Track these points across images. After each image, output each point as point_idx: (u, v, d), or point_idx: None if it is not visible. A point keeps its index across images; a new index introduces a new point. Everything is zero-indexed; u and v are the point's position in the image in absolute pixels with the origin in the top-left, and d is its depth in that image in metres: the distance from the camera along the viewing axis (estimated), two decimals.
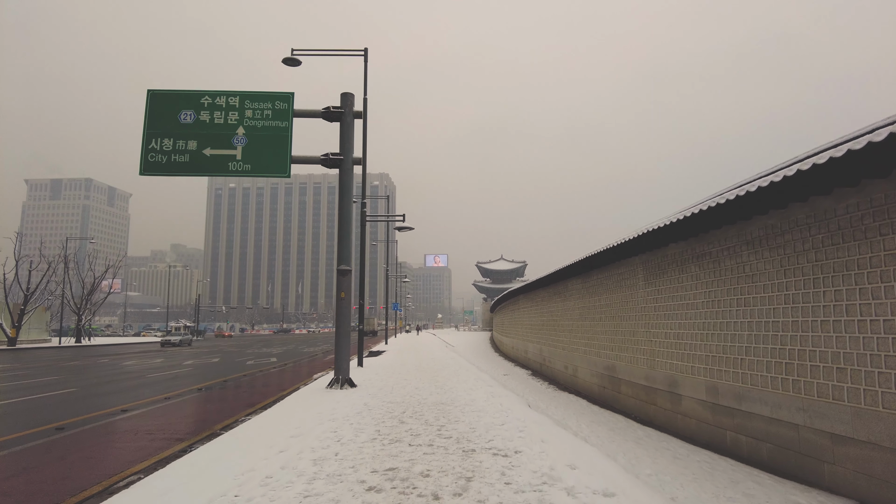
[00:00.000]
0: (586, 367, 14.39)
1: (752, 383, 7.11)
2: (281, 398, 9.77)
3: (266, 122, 10.70)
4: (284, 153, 10.60)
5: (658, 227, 9.12)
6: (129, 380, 15.08)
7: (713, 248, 8.35)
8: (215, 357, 25.91)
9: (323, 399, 8.66)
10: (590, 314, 14.33)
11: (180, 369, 18.58)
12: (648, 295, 10.71)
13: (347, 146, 10.74)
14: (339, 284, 10.35)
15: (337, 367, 10.30)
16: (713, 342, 8.13)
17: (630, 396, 11.38)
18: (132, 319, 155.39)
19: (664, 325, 9.87)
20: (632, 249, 11.09)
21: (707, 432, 8.20)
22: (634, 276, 11.47)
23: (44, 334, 53.32)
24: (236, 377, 15.58)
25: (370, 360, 18.57)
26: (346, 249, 10.61)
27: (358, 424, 6.48)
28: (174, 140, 10.52)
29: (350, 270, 10.41)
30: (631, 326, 11.45)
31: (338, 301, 10.30)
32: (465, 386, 10.19)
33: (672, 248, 9.79)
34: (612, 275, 12.81)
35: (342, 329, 10.44)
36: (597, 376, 13.48)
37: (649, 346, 10.47)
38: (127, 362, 22.49)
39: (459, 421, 6.57)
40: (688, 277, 9.12)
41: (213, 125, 10.64)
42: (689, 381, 8.83)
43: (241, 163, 10.55)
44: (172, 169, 10.45)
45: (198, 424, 7.77)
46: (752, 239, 7.37)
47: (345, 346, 10.31)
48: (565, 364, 16.53)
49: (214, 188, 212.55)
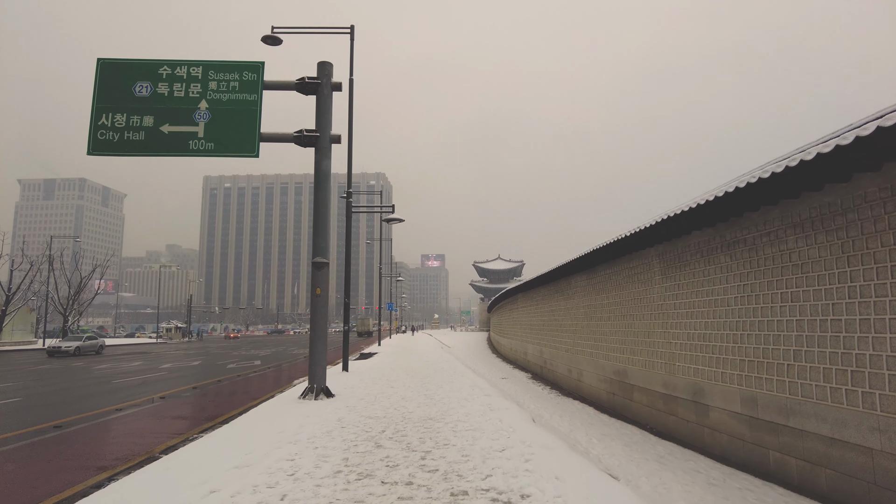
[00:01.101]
0: (592, 371, 13.15)
1: (805, 395, 5.87)
2: (247, 410, 8.50)
3: (232, 95, 9.43)
4: (252, 130, 9.33)
5: (679, 213, 7.88)
6: (91, 386, 13.77)
7: (749, 233, 7.11)
8: (197, 360, 24.57)
9: (291, 413, 7.41)
10: (596, 313, 13.09)
11: (153, 374, 17.27)
12: (666, 291, 9.47)
13: (324, 121, 9.47)
14: (315, 279, 9.09)
15: (311, 374, 9.04)
16: (749, 344, 6.89)
17: (644, 405, 10.14)
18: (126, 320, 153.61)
19: (686, 325, 8.64)
20: (646, 240, 9.86)
21: (743, 451, 6.95)
22: (649, 270, 10.23)
23: (29, 336, 51.83)
24: (209, 383, 14.27)
25: (358, 364, 17.29)
26: (323, 239, 9.34)
27: (323, 449, 5.23)
28: (128, 116, 9.24)
29: (326, 263, 9.15)
30: (645, 326, 10.21)
31: (312, 298, 9.02)
32: (459, 395, 8.92)
33: (695, 236, 8.55)
34: (622, 269, 11.58)
35: (317, 331, 9.15)
36: (605, 381, 12.24)
37: (668, 348, 9.24)
38: (101, 365, 21.16)
39: (450, 444, 5.31)
40: (716, 269, 7.88)
41: (172, 99, 9.36)
42: (718, 390, 7.59)
43: (204, 141, 9.28)
44: (125, 148, 9.17)
45: (135, 446, 6.48)
46: (802, 221, 6.13)
47: (320, 349, 9.02)
48: (568, 367, 15.29)
49: (210, 188, 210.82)
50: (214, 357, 26.61)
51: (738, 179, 6.71)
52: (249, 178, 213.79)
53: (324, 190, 9.32)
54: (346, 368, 14.29)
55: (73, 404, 10.43)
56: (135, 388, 13.24)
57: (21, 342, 48.22)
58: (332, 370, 15.20)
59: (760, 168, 6.36)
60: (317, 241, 9.32)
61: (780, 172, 5.63)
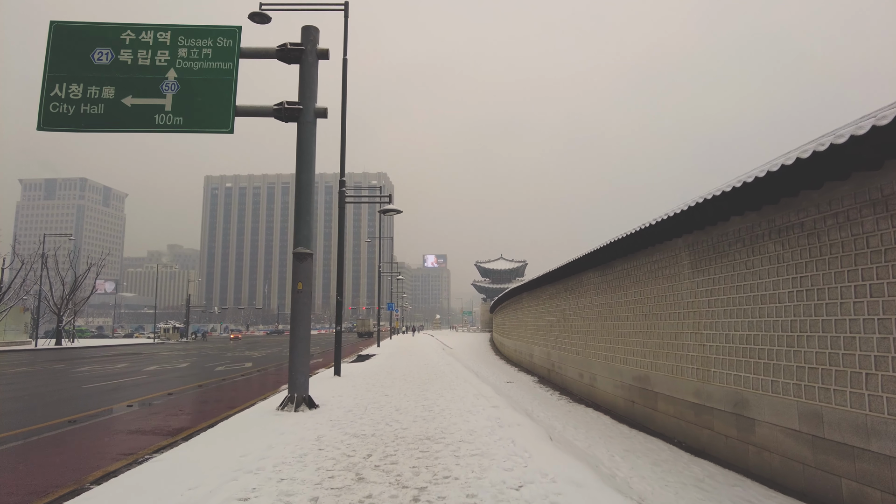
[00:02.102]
0: (608, 376, 11.99)
1: (893, 412, 4.71)
2: (216, 423, 7.35)
3: (205, 63, 8.29)
4: (227, 103, 8.19)
5: (720, 194, 6.73)
6: (59, 392, 12.60)
7: (807, 216, 5.95)
8: (186, 361, 23.43)
9: (263, 428, 6.27)
10: (612, 313, 11.94)
11: (133, 377, 16.14)
12: (697, 286, 8.32)
13: (308, 93, 8.32)
14: (296, 272, 7.94)
15: (291, 382, 7.77)
16: (811, 348, 5.73)
17: (671, 416, 8.99)
18: (127, 320, 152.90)
19: (723, 325, 7.49)
20: (673, 229, 8.71)
21: (803, 477, 5.79)
22: (676, 264, 9.08)
23: (22, 336, 50.80)
24: (189, 388, 13.09)
25: (353, 367, 16.14)
26: (306, 227, 8.18)
27: (290, 483, 4.09)
28: (85, 86, 8.11)
29: (310, 254, 7.99)
30: (672, 327, 9.06)
31: (293, 294, 7.86)
32: (462, 406, 7.75)
33: (735, 223, 7.40)
34: (644, 263, 10.43)
35: (299, 331, 7.96)
36: (623, 388, 11.08)
37: (700, 351, 8.08)
38: (82, 368, 20.03)
39: (451, 477, 4.16)
40: (762, 260, 6.73)
41: (136, 67, 8.23)
42: (767, 403, 6.43)
43: (172, 115, 8.14)
44: (82, 123, 8.04)
45: (63, 474, 5.31)
46: (885, 196, 4.97)
47: (302, 353, 7.82)
48: (580, 371, 14.13)
49: (211, 187, 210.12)
50: (205, 359, 25.49)
51: (800, 149, 5.56)
52: (251, 177, 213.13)
53: (306, 171, 8.17)
54: (338, 372, 13.11)
55: (25, 415, 9.23)
56: (105, 393, 12.09)
57: (14, 342, 47.19)
58: (322, 375, 14.06)
59: (832, 133, 5.21)
60: (299, 228, 8.16)
61: (861, 135, 4.48)
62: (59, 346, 47.32)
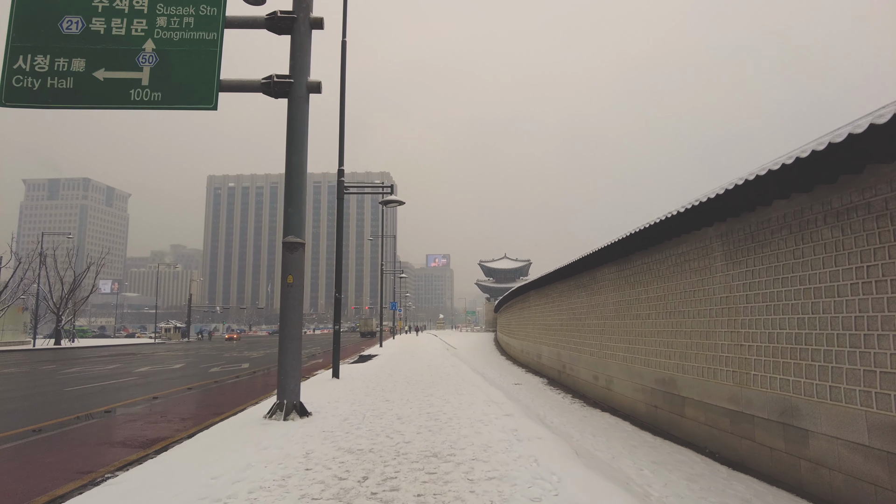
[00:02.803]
0: (626, 378, 11.14)
1: None
2: (196, 433, 6.55)
3: (186, 33, 7.49)
4: (210, 76, 7.39)
5: (765, 173, 5.89)
6: (36, 395, 11.76)
7: (875, 195, 5.10)
8: (181, 362, 22.65)
9: (246, 441, 5.46)
10: (630, 310, 11.09)
11: (122, 379, 15.35)
12: (733, 280, 7.47)
13: (300, 65, 7.49)
14: (286, 264, 7.12)
15: (280, 387, 6.89)
16: (884, 349, 4.89)
17: (701, 423, 8.14)
18: (130, 320, 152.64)
19: (765, 323, 6.64)
20: (702, 217, 7.87)
21: (875, 501, 4.94)
22: (707, 255, 8.23)
23: (21, 336, 50.26)
24: (176, 392, 12.26)
25: (353, 369, 15.33)
26: (297, 214, 7.34)
27: None
28: (52, 58, 7.32)
29: (301, 244, 7.17)
30: (702, 325, 8.21)
31: (283, 289, 7.02)
32: (471, 414, 6.90)
33: (779, 207, 6.54)
34: (668, 256, 9.58)
35: (289, 330, 7.11)
36: (644, 391, 10.24)
37: (737, 352, 7.24)
38: (72, 369, 19.26)
39: None
40: (815, 248, 5.88)
41: (109, 37, 7.43)
42: (824, 412, 5.58)
43: (149, 90, 7.34)
44: (49, 98, 7.25)
45: (2, 498, 4.52)
46: None
47: (293, 354, 6.97)
48: (594, 373, 13.28)
49: (213, 187, 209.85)
50: (202, 359, 24.73)
51: (872, 115, 4.71)
52: (253, 177, 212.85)
53: (298, 151, 7.35)
54: (337, 374, 12.27)
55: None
56: (86, 397, 11.28)
57: (12, 342, 46.59)
58: (320, 377, 13.26)
59: None
60: (289, 215, 7.33)
61: None
62: (58, 346, 46.68)
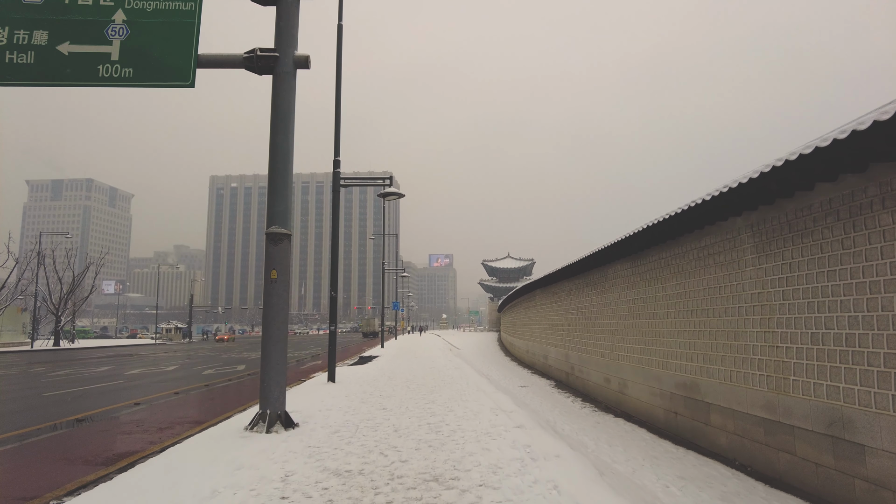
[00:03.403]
0: (642, 381, 10.39)
1: None
2: (168, 447, 5.83)
3: (160, 3, 6.75)
4: (186, 50, 6.68)
5: (803, 155, 5.16)
6: (11, 401, 10.97)
7: None
8: (176, 364, 21.95)
9: (217, 459, 4.73)
10: (646, 309, 10.35)
11: (109, 382, 14.66)
12: (766, 274, 6.73)
13: (286, 38, 6.76)
14: (270, 258, 6.36)
15: (263, 395, 6.05)
16: None
17: (729, 432, 7.39)
18: (132, 321, 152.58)
19: (807, 322, 5.90)
20: (730, 206, 7.12)
21: None
22: (735, 248, 7.48)
23: (20, 337, 49.74)
24: (160, 397, 11.47)
25: (351, 371, 14.61)
26: (282, 201, 6.57)
27: None
28: (11, 30, 6.61)
29: (287, 236, 6.42)
30: (729, 324, 7.47)
31: (266, 285, 6.27)
32: (477, 425, 6.14)
33: (823, 191, 5.79)
34: (688, 250, 8.83)
35: (273, 330, 6.31)
36: (662, 396, 9.49)
37: (772, 354, 6.49)
38: (61, 371, 18.58)
39: None
40: (871, 237, 5.14)
41: (75, 7, 6.73)
42: (886, 424, 4.83)
43: (119, 66, 6.64)
44: (7, 74, 6.52)
45: None
46: None
47: (276, 358, 6.19)
48: (606, 376, 12.53)
49: (216, 187, 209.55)
50: (198, 361, 24.04)
51: None
52: (256, 177, 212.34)
53: (283, 132, 6.62)
54: (333, 378, 11.52)
55: None
56: (63, 403, 10.55)
57: (10, 343, 46.03)
58: (315, 380, 12.54)
59: None
60: (273, 203, 6.58)
61: None
62: (57, 347, 46.12)
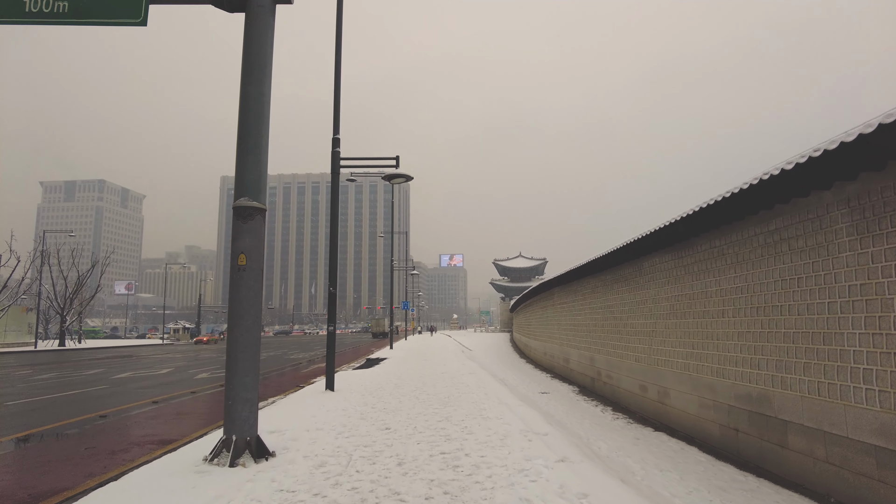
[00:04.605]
0: (689, 391, 8.89)
1: None
2: (109, 481, 4.49)
3: None
4: None
5: None
6: None
7: None
8: (172, 366, 20.70)
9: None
10: (693, 306, 8.86)
11: (89, 388, 13.39)
12: (872, 260, 5.24)
13: None
14: (238, 238, 4.88)
15: (228, 417, 4.63)
16: None
17: (818, 459, 5.89)
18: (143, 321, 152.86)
19: None
20: (816, 177, 5.63)
21: None
22: (822, 230, 5.99)
23: (25, 337, 49.02)
24: (135, 407, 10.09)
25: (355, 376, 13.22)
26: (254, 168, 4.98)
27: None
28: None
29: (261, 210, 4.96)
30: (814, 324, 5.97)
31: (232, 272, 4.82)
32: (506, 455, 4.62)
33: None
34: (752, 236, 7.33)
35: (240, 332, 4.74)
36: (717, 409, 7.99)
37: (890, 364, 4.99)
38: (46, 375, 17.37)
39: None
40: None
41: None
42: None
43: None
44: None
45: None
46: None
47: (243, 367, 4.66)
48: (641, 383, 11.04)
49: (227, 188, 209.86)
50: (196, 363, 22.82)
51: None
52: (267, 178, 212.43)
53: (258, 80, 5.21)
54: (331, 386, 10.09)
55: None
56: (18, 416, 9.09)
57: (14, 344, 45.31)
58: (312, 388, 11.18)
59: None
60: (243, 169, 5.12)
61: None
62: (63, 347, 45.35)
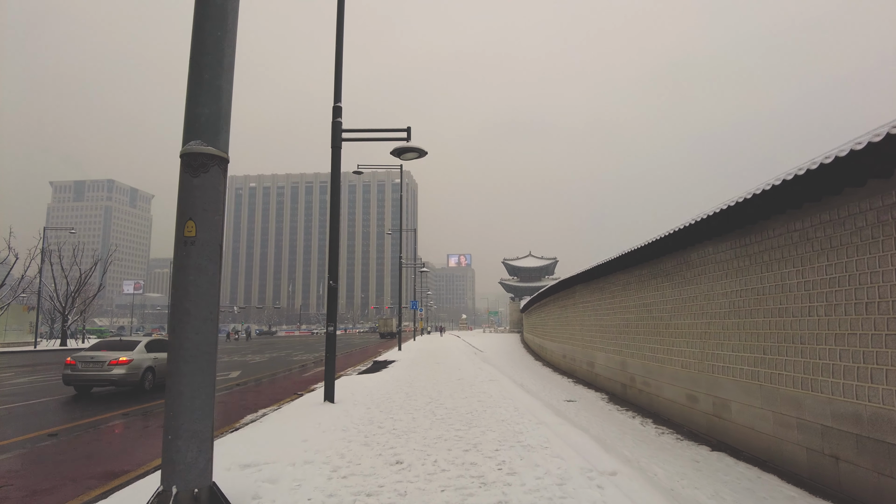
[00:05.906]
0: (760, 405, 7.40)
1: None
2: None
3: None
4: None
5: None
6: None
7: None
8: None
9: None
10: (764, 304, 7.37)
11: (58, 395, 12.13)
12: None
13: None
14: (185, 199, 3.35)
15: (167, 458, 3.08)
16: None
17: None
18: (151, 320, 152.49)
19: None
20: None
21: None
22: None
23: (26, 336, 48.17)
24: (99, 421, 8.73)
25: (359, 383, 11.82)
26: (210, 96, 3.46)
27: None
28: None
29: (217, 159, 3.51)
30: None
31: (178, 249, 3.40)
32: None
33: None
34: (848, 217, 5.85)
35: (187, 332, 3.21)
36: (804, 430, 6.49)
37: None
38: (22, 379, 16.16)
39: None
40: None
41: None
42: None
43: None
44: None
45: None
46: None
47: (196, 382, 3.07)
48: (690, 392, 9.55)
49: (235, 188, 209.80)
50: None
51: None
52: (274, 177, 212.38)
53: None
54: (331, 397, 8.62)
55: None
56: None
57: (14, 343, 44.40)
58: (310, 398, 9.77)
59: None
60: (195, 102, 3.47)
61: None
62: (64, 347, 44.38)
